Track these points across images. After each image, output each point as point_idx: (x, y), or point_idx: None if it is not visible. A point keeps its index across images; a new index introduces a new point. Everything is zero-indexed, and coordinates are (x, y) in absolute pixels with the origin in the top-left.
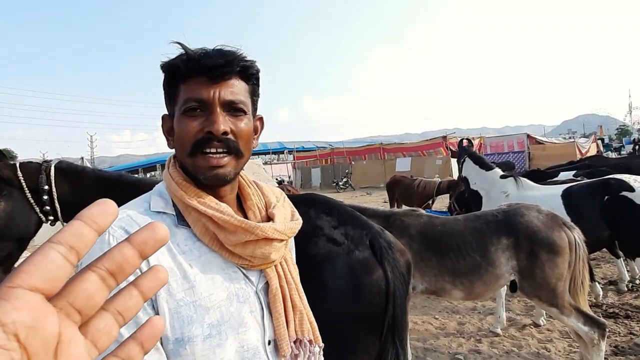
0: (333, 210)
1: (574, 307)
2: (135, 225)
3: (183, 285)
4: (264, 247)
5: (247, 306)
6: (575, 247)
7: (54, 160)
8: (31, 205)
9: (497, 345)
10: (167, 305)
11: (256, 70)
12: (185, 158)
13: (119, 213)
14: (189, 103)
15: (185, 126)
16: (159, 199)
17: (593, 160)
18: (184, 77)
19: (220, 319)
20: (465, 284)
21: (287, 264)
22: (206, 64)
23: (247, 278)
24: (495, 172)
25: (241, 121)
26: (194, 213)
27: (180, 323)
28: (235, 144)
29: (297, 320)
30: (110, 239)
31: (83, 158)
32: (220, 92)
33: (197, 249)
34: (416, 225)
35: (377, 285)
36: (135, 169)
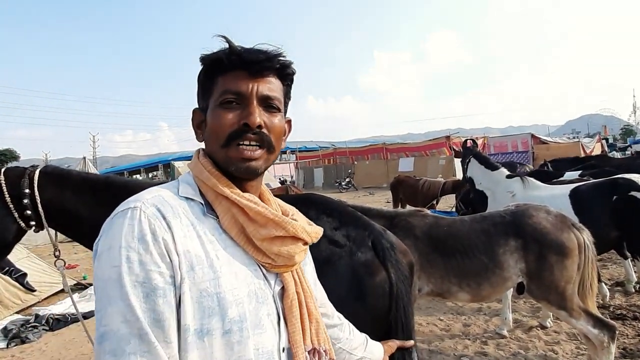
0: (334, 210)
1: (583, 310)
2: (168, 206)
3: (208, 275)
4: (290, 245)
5: (265, 308)
6: (585, 249)
7: (41, 165)
8: (9, 210)
9: (503, 347)
10: (189, 294)
11: (293, 72)
12: (218, 150)
13: (153, 192)
14: (226, 95)
15: (220, 118)
16: (187, 186)
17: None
18: (224, 70)
19: (243, 316)
20: (472, 286)
21: (303, 271)
22: (248, 58)
23: (266, 279)
24: (501, 172)
25: (275, 117)
26: (224, 202)
27: (201, 314)
28: (268, 138)
29: (314, 329)
30: (141, 215)
31: (85, 158)
32: (259, 86)
33: (222, 241)
34: (422, 226)
35: (380, 288)
36: (138, 168)
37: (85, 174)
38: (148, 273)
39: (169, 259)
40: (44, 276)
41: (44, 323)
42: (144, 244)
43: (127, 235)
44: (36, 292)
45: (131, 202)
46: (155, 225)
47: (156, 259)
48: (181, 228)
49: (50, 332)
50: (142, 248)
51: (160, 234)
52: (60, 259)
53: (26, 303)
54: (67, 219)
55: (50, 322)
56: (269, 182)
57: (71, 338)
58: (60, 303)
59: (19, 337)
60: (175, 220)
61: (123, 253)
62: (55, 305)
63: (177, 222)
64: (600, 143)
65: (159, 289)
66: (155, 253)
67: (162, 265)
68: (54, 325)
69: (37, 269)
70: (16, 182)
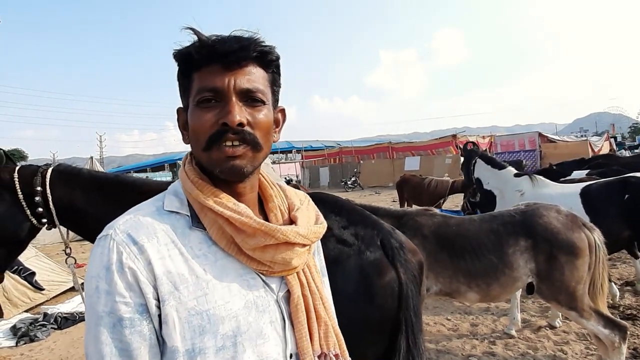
0: (342, 209)
1: (594, 310)
2: (142, 229)
3: (195, 293)
4: (285, 251)
5: (266, 316)
6: (596, 249)
7: (54, 164)
8: (22, 208)
9: (511, 348)
10: (176, 315)
11: (276, 57)
12: (201, 153)
13: (130, 213)
14: (203, 93)
15: (199, 119)
16: (173, 199)
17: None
18: (198, 65)
19: (237, 330)
20: (481, 286)
21: (311, 271)
22: (220, 49)
23: (267, 285)
24: (508, 170)
25: (259, 112)
26: (210, 214)
27: (191, 333)
28: (252, 136)
29: (322, 332)
30: (110, 243)
31: (92, 158)
32: (236, 80)
33: (212, 253)
34: (430, 225)
35: (389, 288)
36: (144, 168)
37: (95, 172)
38: (114, 304)
39: (138, 287)
40: (52, 275)
41: (52, 322)
42: (110, 273)
43: (98, 264)
44: (44, 291)
45: (106, 229)
46: (123, 253)
47: (121, 289)
48: (158, 250)
49: (58, 331)
50: (108, 278)
51: (127, 263)
52: (71, 257)
53: (35, 302)
54: (77, 216)
55: (59, 320)
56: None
57: (79, 336)
58: (68, 302)
59: (28, 336)
60: (150, 243)
61: (93, 283)
62: (63, 304)
63: (154, 243)
64: (608, 141)
65: (125, 319)
66: (120, 283)
67: (128, 294)
68: (62, 324)
69: (46, 268)
70: (29, 181)
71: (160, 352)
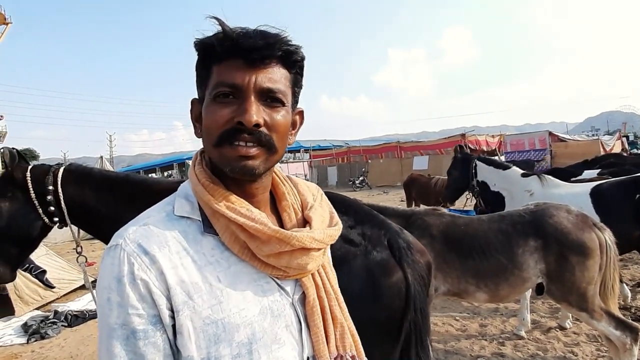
0: (349, 209)
1: (605, 311)
2: (153, 237)
3: (209, 302)
4: (301, 257)
5: (282, 320)
6: (606, 249)
7: (66, 163)
8: (34, 207)
9: (521, 349)
10: (191, 324)
11: (301, 57)
12: (211, 149)
13: (139, 221)
14: (221, 88)
15: (214, 113)
16: (184, 202)
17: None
18: (219, 58)
19: (252, 337)
20: (490, 286)
21: (326, 272)
22: (244, 44)
23: (282, 289)
24: (513, 170)
25: (278, 113)
26: (222, 219)
27: (206, 342)
28: (268, 137)
29: (338, 334)
30: (120, 254)
31: (102, 157)
32: (257, 78)
33: (225, 259)
34: (438, 225)
35: (396, 288)
36: (153, 167)
37: (105, 171)
38: (126, 316)
39: (151, 298)
40: (63, 273)
41: (62, 319)
42: (121, 285)
43: (108, 275)
44: (55, 289)
45: (115, 238)
46: (135, 264)
47: (133, 301)
48: (170, 259)
49: (68, 328)
50: (120, 290)
51: (139, 275)
52: (82, 255)
53: (45, 299)
54: (88, 215)
55: (69, 318)
56: None
57: (89, 334)
58: (78, 300)
59: (39, 333)
60: (162, 252)
61: (105, 295)
62: (73, 302)
63: (165, 252)
64: (620, 141)
65: (138, 331)
66: (133, 295)
67: (141, 306)
68: (72, 322)
69: (56, 266)
70: (41, 180)
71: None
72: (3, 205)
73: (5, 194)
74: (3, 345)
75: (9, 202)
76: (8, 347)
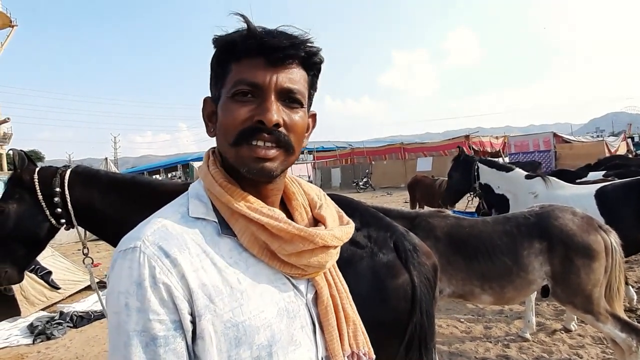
0: (355, 211)
1: (610, 314)
2: (173, 240)
3: (230, 305)
4: (321, 255)
5: (297, 321)
6: (612, 251)
7: (71, 164)
8: (41, 208)
9: (526, 351)
10: (213, 328)
11: (320, 60)
12: (228, 148)
13: (156, 223)
14: (240, 86)
15: (232, 112)
16: (198, 204)
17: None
18: (239, 55)
19: (272, 339)
20: (495, 288)
21: (336, 270)
22: (268, 43)
23: (296, 288)
24: (517, 172)
25: (296, 114)
26: (241, 220)
27: (227, 346)
28: (286, 138)
29: (351, 332)
30: (140, 256)
31: (107, 158)
32: (279, 77)
33: (243, 260)
34: (443, 227)
35: (402, 290)
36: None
37: (112, 173)
38: (147, 322)
39: (173, 303)
40: (68, 274)
41: (68, 320)
42: (142, 290)
43: (126, 279)
44: (60, 290)
45: (132, 240)
46: (156, 267)
47: (155, 306)
48: (191, 262)
49: (74, 329)
50: (140, 295)
51: (160, 278)
52: (88, 257)
53: (51, 300)
54: (94, 217)
55: (74, 319)
56: None
57: (94, 335)
58: (83, 301)
59: (45, 334)
60: (182, 255)
61: (122, 300)
62: (78, 302)
63: (186, 255)
64: (625, 142)
65: (159, 337)
66: (154, 300)
67: (162, 311)
68: (78, 323)
69: (62, 267)
70: (48, 182)
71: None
72: (11, 206)
73: (14, 196)
74: (9, 345)
75: (17, 203)
76: (14, 348)
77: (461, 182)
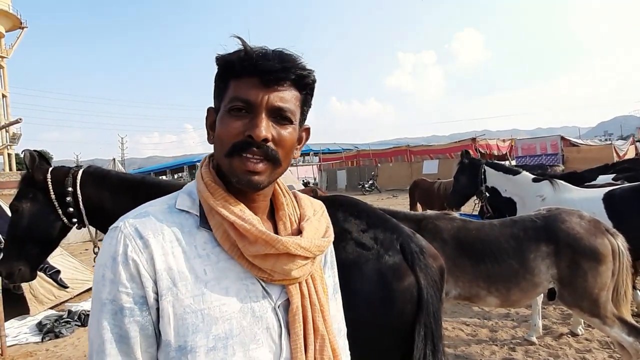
0: (362, 212)
1: (617, 317)
2: (150, 224)
3: (193, 291)
4: (286, 262)
5: (262, 322)
6: (619, 255)
7: (84, 165)
8: (54, 208)
9: (532, 355)
10: (172, 310)
11: (312, 81)
12: (222, 158)
13: (139, 209)
14: (235, 102)
15: (227, 125)
16: (186, 197)
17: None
18: (237, 74)
19: (229, 332)
20: (501, 290)
21: (315, 283)
22: (262, 65)
23: (266, 292)
24: (524, 175)
25: (285, 130)
26: (217, 216)
27: (184, 330)
28: (274, 152)
29: (318, 345)
30: (118, 235)
31: (115, 159)
32: (270, 97)
33: (215, 254)
34: (450, 230)
35: (408, 293)
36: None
37: (122, 174)
38: (116, 293)
39: (140, 280)
40: (76, 273)
41: (76, 319)
42: (115, 263)
43: (106, 254)
44: (69, 289)
45: (118, 222)
46: (129, 245)
47: (124, 280)
48: (162, 246)
49: (82, 328)
50: (113, 267)
51: (131, 256)
52: None
53: (59, 299)
54: (105, 216)
55: (82, 317)
56: (292, 184)
57: None
58: (91, 299)
59: (53, 332)
60: (156, 239)
61: (101, 271)
62: (86, 301)
63: (159, 239)
64: (634, 145)
65: (125, 308)
66: (124, 274)
67: (130, 285)
68: (86, 321)
69: (70, 266)
70: (61, 181)
71: (156, 344)
72: (25, 205)
73: (27, 195)
74: (18, 343)
75: (31, 203)
76: (23, 346)
77: (468, 185)
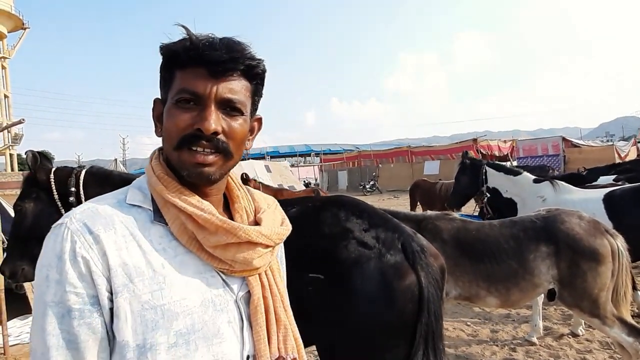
0: (364, 212)
1: (617, 318)
2: (100, 219)
3: (150, 287)
4: (247, 251)
5: (224, 315)
6: (619, 256)
7: (86, 166)
8: (57, 208)
9: (533, 355)
10: (129, 308)
11: (262, 70)
12: (171, 151)
13: (85, 205)
14: (183, 94)
15: (174, 118)
16: (137, 192)
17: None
18: (183, 64)
19: (191, 327)
20: (501, 290)
21: (273, 274)
22: (208, 56)
23: (227, 284)
24: (525, 176)
25: (236, 121)
26: (172, 209)
27: (143, 328)
28: (224, 145)
29: (281, 335)
30: (64, 232)
31: (116, 160)
32: (219, 88)
33: (172, 248)
34: (450, 230)
35: (410, 292)
36: None
37: (125, 174)
38: (63, 294)
39: (91, 278)
40: None
41: None
42: (62, 262)
43: (50, 253)
44: None
45: (62, 219)
46: (77, 242)
47: (72, 279)
48: (115, 241)
49: None
50: (59, 267)
51: (80, 253)
52: None
53: None
54: None
55: None
56: (293, 184)
57: None
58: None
59: None
60: (107, 233)
61: (43, 272)
62: None
63: (110, 234)
64: (635, 146)
65: (74, 310)
66: (72, 273)
67: (80, 285)
68: None
69: None
70: (64, 181)
71: (109, 348)
72: (28, 205)
73: (30, 195)
74: (21, 342)
75: (34, 202)
76: (25, 345)
77: (468, 186)
